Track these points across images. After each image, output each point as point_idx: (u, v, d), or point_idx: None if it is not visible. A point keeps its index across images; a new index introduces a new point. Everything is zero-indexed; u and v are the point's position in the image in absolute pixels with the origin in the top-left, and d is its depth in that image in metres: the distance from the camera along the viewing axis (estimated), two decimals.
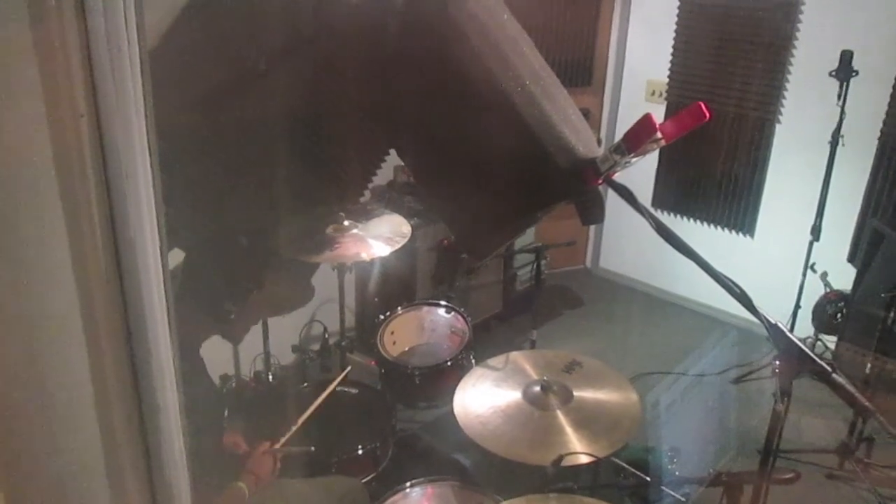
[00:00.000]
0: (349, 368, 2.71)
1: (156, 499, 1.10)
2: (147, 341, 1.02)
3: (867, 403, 1.36)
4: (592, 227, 5.24)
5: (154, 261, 1.01)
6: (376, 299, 4.03)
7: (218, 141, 2.60)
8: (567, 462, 2.03)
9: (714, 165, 4.49)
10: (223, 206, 2.67)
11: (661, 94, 4.64)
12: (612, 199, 1.64)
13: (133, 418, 1.05)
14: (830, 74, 3.61)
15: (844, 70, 3.57)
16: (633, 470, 2.50)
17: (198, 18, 2.43)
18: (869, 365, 3.13)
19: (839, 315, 3.83)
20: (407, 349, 3.09)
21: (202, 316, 2.05)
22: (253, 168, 2.83)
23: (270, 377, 3.25)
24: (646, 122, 1.36)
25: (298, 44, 2.66)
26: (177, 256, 2.10)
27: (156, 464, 1.08)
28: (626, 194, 1.51)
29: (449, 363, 2.83)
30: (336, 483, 2.38)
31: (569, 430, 2.18)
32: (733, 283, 1.41)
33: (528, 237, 4.23)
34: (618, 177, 1.54)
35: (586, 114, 4.82)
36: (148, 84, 0.95)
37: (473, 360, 2.91)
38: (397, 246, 2.91)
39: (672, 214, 4.78)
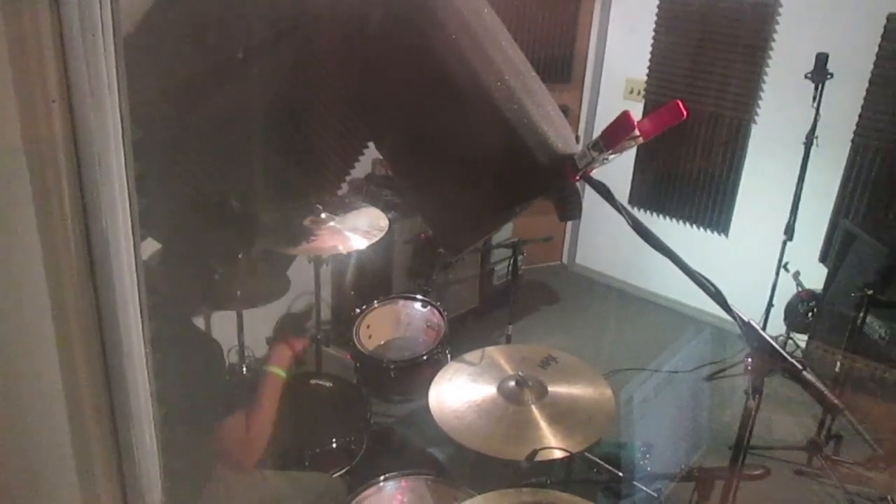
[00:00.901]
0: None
1: (126, 489, 1.09)
2: (119, 331, 1.01)
3: (836, 401, 1.37)
4: (569, 224, 5.26)
5: (127, 250, 1.00)
6: (352, 293, 4.01)
7: (194, 129, 2.57)
8: (541, 457, 2.04)
9: (690, 164, 4.53)
10: (197, 194, 2.64)
11: (639, 92, 4.67)
12: (589, 196, 1.65)
13: (103, 409, 1.04)
14: (806, 76, 3.65)
15: (820, 72, 3.61)
16: (606, 465, 2.52)
17: (176, 6, 2.40)
18: (838, 363, 3.18)
19: (810, 314, 3.88)
20: (382, 343, 3.09)
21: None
22: (229, 158, 2.81)
23: (245, 369, 3.23)
24: (624, 120, 1.37)
25: (279, 34, 2.64)
26: (151, 246, 2.07)
27: (126, 454, 1.07)
28: (604, 191, 1.51)
29: (425, 357, 2.83)
30: (312, 480, 2.37)
31: (543, 425, 2.19)
32: (708, 280, 1.42)
33: (505, 232, 4.23)
34: (595, 173, 1.54)
35: (565, 110, 4.84)
36: (122, 70, 0.93)
37: (449, 355, 2.91)
38: (374, 239, 2.90)
39: (648, 212, 4.81)
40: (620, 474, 2.44)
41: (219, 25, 2.54)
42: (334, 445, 2.53)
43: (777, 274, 4.05)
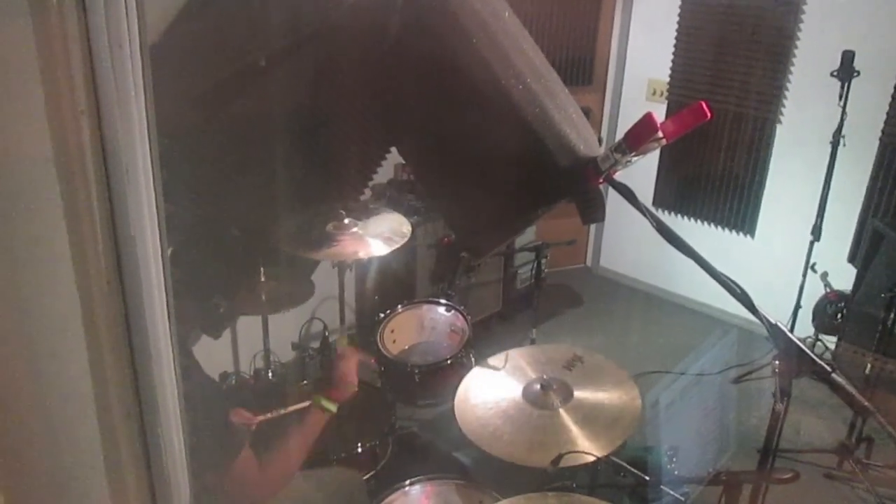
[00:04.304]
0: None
1: (155, 494, 1.10)
2: (147, 339, 1.02)
3: (866, 403, 1.36)
4: (593, 226, 5.24)
5: (154, 258, 1.01)
6: (376, 297, 4.03)
7: (218, 136, 2.60)
8: (566, 461, 2.03)
9: (715, 165, 4.49)
10: (222, 202, 2.67)
11: (662, 94, 4.64)
12: (613, 198, 1.64)
13: (133, 415, 1.05)
14: (832, 74, 3.61)
15: (846, 70, 3.56)
16: (632, 469, 2.50)
17: (199, 15, 2.43)
18: (869, 365, 3.13)
19: (839, 315, 3.83)
20: (407, 347, 3.09)
21: (190, 311, 2.03)
22: (253, 164, 2.84)
23: (270, 374, 3.25)
24: (647, 121, 1.36)
25: (300, 41, 2.66)
26: None
27: (155, 460, 1.08)
28: (627, 193, 1.51)
29: (449, 361, 2.83)
30: (333, 475, 2.38)
31: (568, 428, 2.18)
32: (733, 282, 1.41)
33: (528, 235, 4.22)
34: (618, 176, 1.53)
35: (587, 112, 4.82)
36: (149, 80, 0.95)
37: (473, 359, 2.91)
38: (396, 246, 2.91)
39: (672, 214, 4.78)
40: (647, 478, 2.42)
41: (242, 33, 2.57)
42: (359, 450, 2.54)
43: (804, 275, 4.00)
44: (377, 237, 2.93)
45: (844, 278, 3.86)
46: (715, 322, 4.62)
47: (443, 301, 3.20)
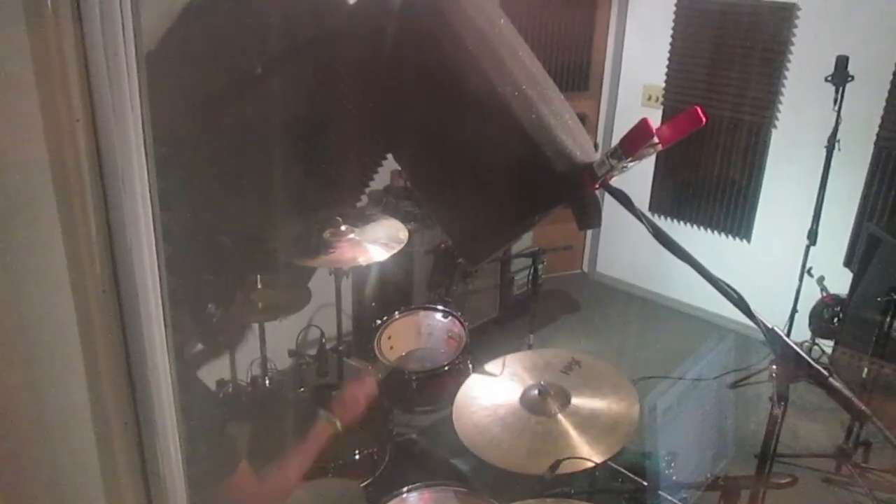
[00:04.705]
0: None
1: (151, 502, 1.09)
2: (143, 346, 1.02)
3: (864, 407, 1.35)
4: (590, 232, 5.24)
5: (150, 265, 1.01)
6: (373, 304, 4.02)
7: (214, 144, 2.60)
8: (564, 467, 2.03)
9: (711, 170, 4.50)
10: (218, 209, 2.67)
11: (657, 99, 4.65)
12: (609, 204, 1.64)
13: (129, 423, 1.05)
14: (826, 79, 3.62)
15: (840, 75, 3.58)
16: (630, 475, 2.50)
17: (196, 23, 2.43)
18: (865, 369, 3.13)
19: (836, 319, 3.83)
20: (404, 354, 3.08)
21: (183, 319, 2.02)
22: (249, 171, 2.83)
23: (267, 382, 3.24)
24: (642, 127, 1.36)
25: (296, 49, 2.66)
26: None
27: (152, 468, 1.08)
28: (623, 199, 1.51)
29: (446, 368, 2.83)
30: (332, 485, 2.37)
31: (566, 434, 2.18)
32: (730, 287, 1.41)
33: (525, 241, 4.22)
34: (615, 181, 1.54)
35: (583, 118, 4.83)
36: (144, 88, 0.94)
37: (471, 365, 2.90)
38: (394, 251, 2.91)
39: (669, 219, 4.78)
40: (645, 483, 2.42)
41: (237, 41, 2.57)
42: (357, 457, 2.54)
43: (801, 279, 4.01)
44: (374, 243, 2.93)
45: (841, 282, 3.86)
46: (712, 327, 4.62)
47: (440, 307, 3.20)
